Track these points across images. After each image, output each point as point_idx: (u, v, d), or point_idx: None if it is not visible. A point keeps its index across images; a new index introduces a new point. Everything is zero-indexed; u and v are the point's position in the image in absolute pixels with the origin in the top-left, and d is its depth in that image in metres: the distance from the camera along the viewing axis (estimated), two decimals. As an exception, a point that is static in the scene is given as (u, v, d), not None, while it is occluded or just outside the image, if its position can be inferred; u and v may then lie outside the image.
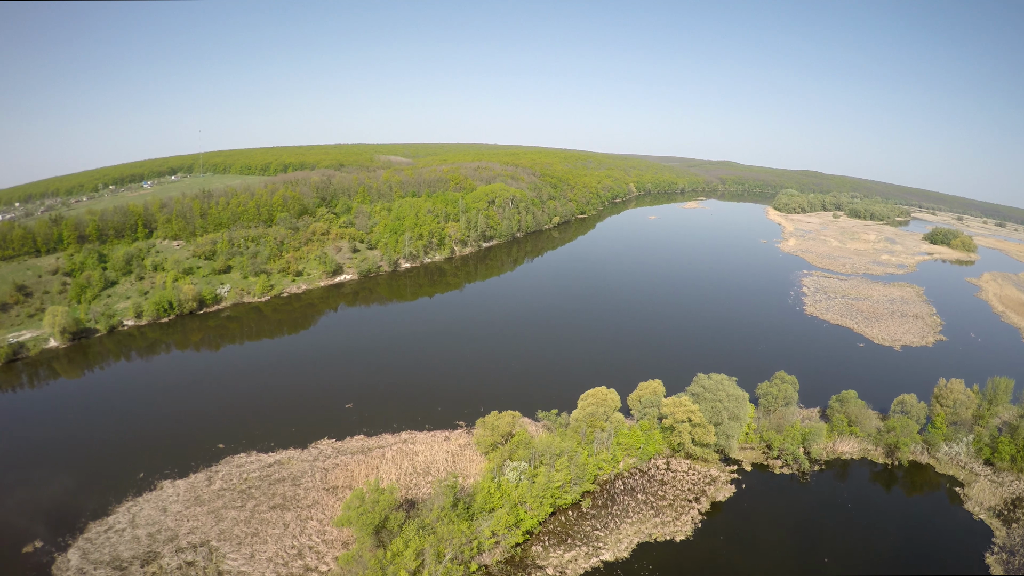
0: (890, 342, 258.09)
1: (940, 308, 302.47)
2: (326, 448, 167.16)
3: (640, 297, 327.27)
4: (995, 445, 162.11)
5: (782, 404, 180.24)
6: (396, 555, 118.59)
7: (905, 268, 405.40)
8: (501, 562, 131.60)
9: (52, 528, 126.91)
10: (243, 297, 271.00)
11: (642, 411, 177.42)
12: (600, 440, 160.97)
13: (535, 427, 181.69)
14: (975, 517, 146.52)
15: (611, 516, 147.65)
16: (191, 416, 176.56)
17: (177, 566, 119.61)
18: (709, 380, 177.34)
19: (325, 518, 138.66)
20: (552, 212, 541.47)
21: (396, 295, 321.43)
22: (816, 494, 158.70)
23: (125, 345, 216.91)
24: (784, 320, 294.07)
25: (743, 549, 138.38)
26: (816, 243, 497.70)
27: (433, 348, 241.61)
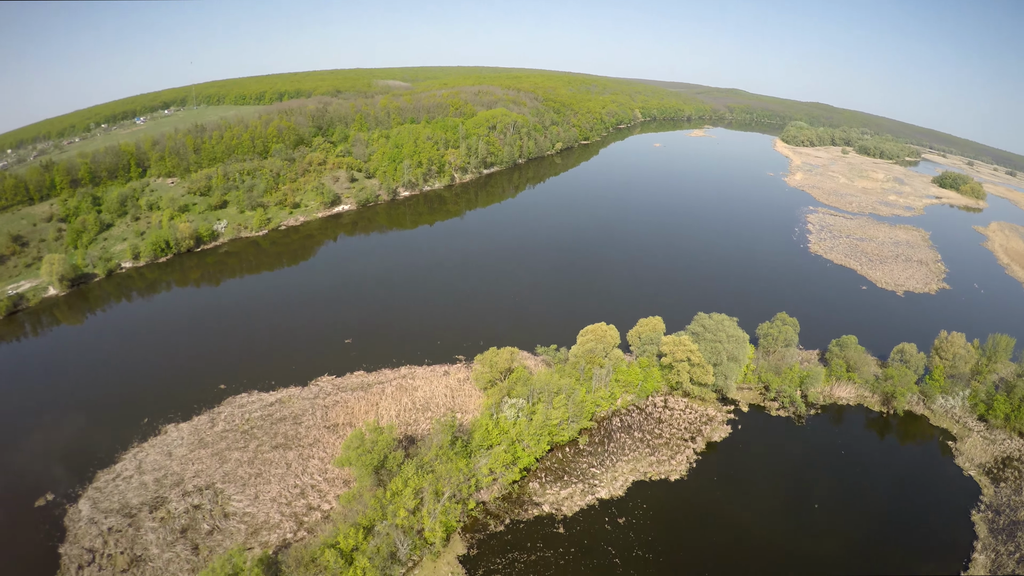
0: (893, 286, 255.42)
1: (945, 255, 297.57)
2: (326, 385, 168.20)
3: (642, 230, 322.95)
4: (991, 402, 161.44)
5: (782, 345, 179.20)
6: (395, 494, 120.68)
7: (912, 211, 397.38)
8: (499, 499, 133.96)
9: (62, 480, 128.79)
10: (240, 232, 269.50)
11: (641, 348, 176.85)
12: (598, 377, 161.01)
13: (534, 361, 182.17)
14: (965, 473, 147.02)
15: (607, 453, 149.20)
16: (192, 357, 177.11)
17: (184, 510, 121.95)
18: (710, 320, 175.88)
19: (327, 456, 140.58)
20: (555, 138, 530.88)
21: (395, 224, 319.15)
22: (811, 438, 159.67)
23: (124, 288, 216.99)
24: (788, 258, 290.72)
25: (736, 491, 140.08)
26: (823, 179, 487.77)
27: (432, 280, 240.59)
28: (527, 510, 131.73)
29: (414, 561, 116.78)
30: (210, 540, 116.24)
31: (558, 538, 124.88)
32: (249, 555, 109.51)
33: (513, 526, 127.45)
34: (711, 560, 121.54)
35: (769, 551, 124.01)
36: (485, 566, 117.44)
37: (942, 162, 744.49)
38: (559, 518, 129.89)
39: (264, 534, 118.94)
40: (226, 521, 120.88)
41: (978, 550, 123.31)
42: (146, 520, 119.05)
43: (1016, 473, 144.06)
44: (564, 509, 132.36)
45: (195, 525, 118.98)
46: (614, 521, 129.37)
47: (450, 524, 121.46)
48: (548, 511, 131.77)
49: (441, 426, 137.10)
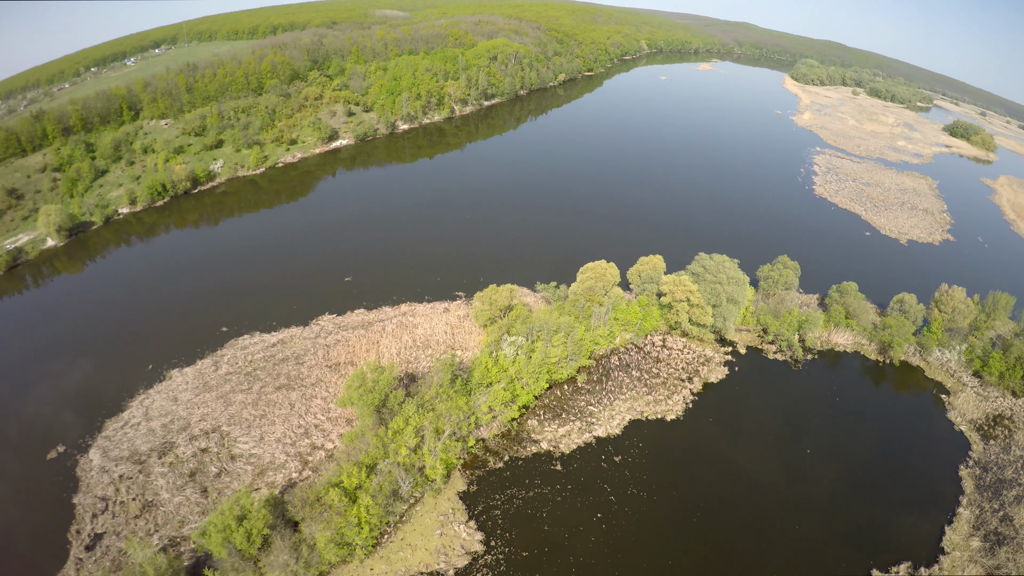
0: (897, 234, 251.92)
1: (951, 205, 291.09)
2: (327, 324, 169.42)
3: (645, 166, 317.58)
4: (986, 359, 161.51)
5: (782, 289, 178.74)
6: (397, 433, 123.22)
7: (921, 158, 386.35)
8: (498, 436, 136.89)
9: (72, 431, 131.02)
10: (237, 171, 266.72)
11: (641, 286, 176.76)
12: (598, 315, 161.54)
13: (533, 298, 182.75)
14: (956, 427, 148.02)
15: (605, 392, 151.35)
16: (193, 300, 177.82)
17: (192, 454, 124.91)
18: (711, 261, 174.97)
19: (329, 396, 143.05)
20: (557, 69, 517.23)
21: (395, 158, 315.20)
22: (806, 383, 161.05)
23: (123, 233, 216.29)
24: (792, 199, 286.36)
25: (731, 433, 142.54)
26: (832, 119, 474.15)
27: (432, 216, 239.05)
28: (525, 447, 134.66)
29: (416, 498, 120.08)
30: (218, 482, 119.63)
31: (555, 475, 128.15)
32: (256, 496, 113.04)
33: (512, 463, 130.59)
34: (704, 500, 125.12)
35: (760, 493, 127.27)
36: (484, 502, 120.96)
37: (954, 110, 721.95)
38: (557, 455, 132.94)
39: (270, 474, 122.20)
40: (233, 463, 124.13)
41: (963, 505, 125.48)
42: (155, 466, 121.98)
43: (1006, 432, 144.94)
44: (562, 447, 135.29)
45: (203, 468, 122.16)
46: (610, 459, 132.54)
47: (450, 461, 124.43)
48: (546, 448, 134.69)
49: (441, 365, 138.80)
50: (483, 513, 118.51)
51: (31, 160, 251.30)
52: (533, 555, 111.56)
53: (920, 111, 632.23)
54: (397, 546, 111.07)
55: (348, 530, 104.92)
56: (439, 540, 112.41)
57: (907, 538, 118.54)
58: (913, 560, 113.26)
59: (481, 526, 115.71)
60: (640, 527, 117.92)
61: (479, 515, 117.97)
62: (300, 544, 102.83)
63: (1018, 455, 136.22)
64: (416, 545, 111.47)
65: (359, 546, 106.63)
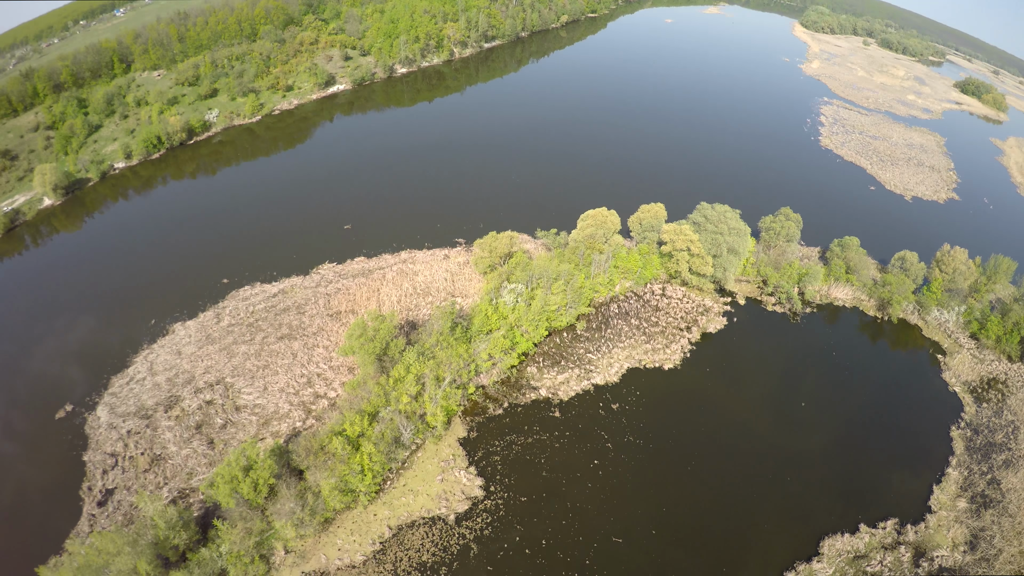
0: (902, 190, 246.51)
1: (958, 164, 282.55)
2: (327, 273, 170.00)
3: (649, 112, 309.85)
4: (984, 321, 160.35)
5: (783, 241, 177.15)
6: (398, 381, 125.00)
7: (930, 114, 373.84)
8: (497, 383, 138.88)
9: (78, 389, 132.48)
10: (233, 120, 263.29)
11: (642, 234, 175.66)
12: (598, 263, 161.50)
13: (533, 245, 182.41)
14: (950, 388, 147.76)
15: (604, 339, 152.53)
16: (193, 252, 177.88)
17: (198, 406, 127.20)
18: (712, 211, 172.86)
19: (331, 344, 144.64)
20: (560, 10, 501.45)
21: (393, 102, 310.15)
22: (804, 336, 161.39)
23: (119, 188, 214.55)
24: (797, 150, 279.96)
25: (727, 383, 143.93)
26: (841, 69, 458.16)
27: (431, 162, 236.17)
28: (525, 394, 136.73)
29: (417, 444, 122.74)
30: (224, 434, 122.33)
31: (554, 422, 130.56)
32: (261, 446, 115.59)
33: (511, 410, 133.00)
34: (698, 449, 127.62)
35: (754, 444, 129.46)
36: (484, 448, 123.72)
37: (967, 66, 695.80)
38: (555, 402, 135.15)
39: (275, 424, 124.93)
40: (238, 414, 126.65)
41: (952, 465, 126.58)
42: (162, 420, 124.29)
43: (999, 395, 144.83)
44: (560, 394, 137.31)
45: (209, 420, 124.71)
46: (608, 407, 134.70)
47: (451, 408, 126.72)
48: (545, 395, 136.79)
49: (441, 313, 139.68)
50: (483, 459, 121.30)
51: (23, 120, 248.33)
52: (531, 500, 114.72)
53: (932, 65, 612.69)
54: (399, 492, 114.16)
55: (351, 477, 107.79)
56: (440, 486, 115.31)
57: (895, 495, 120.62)
58: (900, 517, 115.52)
59: (481, 472, 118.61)
60: (636, 474, 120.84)
61: (479, 461, 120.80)
62: (305, 492, 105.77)
63: (1009, 419, 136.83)
64: (418, 491, 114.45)
65: (362, 492, 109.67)
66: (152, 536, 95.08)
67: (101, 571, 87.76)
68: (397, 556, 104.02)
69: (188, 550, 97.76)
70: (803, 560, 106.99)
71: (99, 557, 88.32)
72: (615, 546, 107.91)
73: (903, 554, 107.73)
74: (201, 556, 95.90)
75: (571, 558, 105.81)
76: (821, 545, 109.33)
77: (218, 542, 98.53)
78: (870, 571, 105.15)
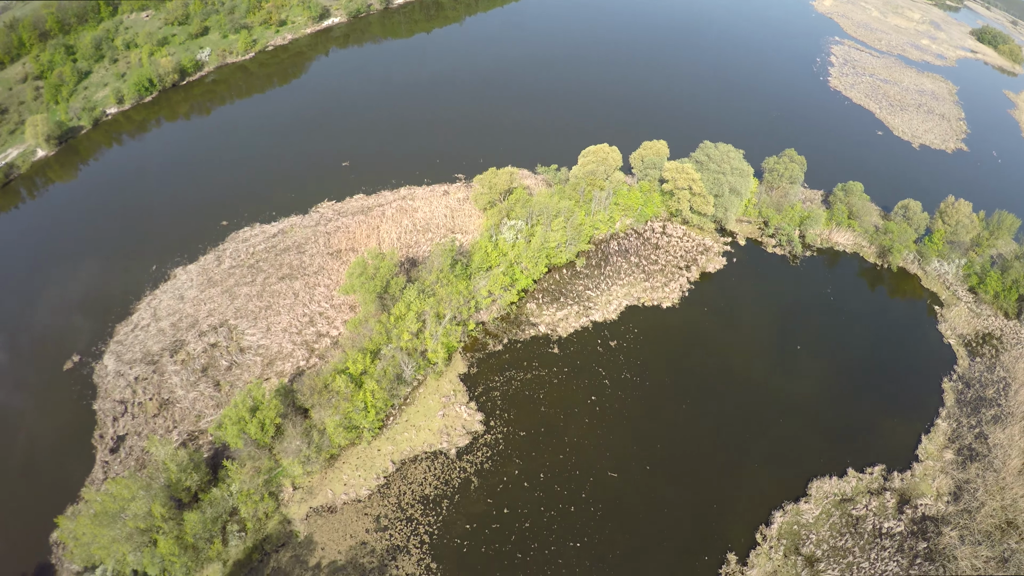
0: (910, 137, 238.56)
1: (969, 114, 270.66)
2: (327, 211, 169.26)
3: (655, 47, 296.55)
4: (984, 276, 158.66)
5: (787, 182, 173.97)
6: (399, 318, 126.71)
7: (944, 60, 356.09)
8: (497, 319, 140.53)
9: (84, 340, 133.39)
10: (226, 58, 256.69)
11: (643, 171, 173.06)
12: (598, 200, 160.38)
13: (534, 180, 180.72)
14: (944, 340, 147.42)
15: (603, 276, 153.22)
16: (190, 195, 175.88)
17: (203, 349, 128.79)
18: (715, 150, 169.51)
19: (332, 283, 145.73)
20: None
21: (390, 34, 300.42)
22: (803, 280, 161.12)
23: (113, 134, 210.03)
24: (805, 90, 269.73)
25: (724, 324, 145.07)
26: (855, 8, 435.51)
27: (430, 96, 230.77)
28: (524, 330, 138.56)
29: (419, 380, 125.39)
30: (230, 375, 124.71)
31: (553, 358, 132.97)
32: (267, 386, 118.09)
33: (511, 346, 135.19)
34: (694, 387, 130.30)
35: (749, 384, 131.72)
36: (484, 384, 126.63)
37: (985, 14, 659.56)
38: (554, 339, 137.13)
39: (279, 364, 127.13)
40: (242, 356, 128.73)
41: (942, 417, 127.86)
42: (168, 365, 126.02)
43: (993, 351, 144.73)
44: (559, 330, 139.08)
45: (214, 363, 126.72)
46: (606, 344, 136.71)
47: (451, 345, 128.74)
48: (544, 332, 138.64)
49: (441, 250, 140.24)
50: (483, 394, 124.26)
51: (10, 72, 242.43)
52: (530, 435, 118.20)
53: (948, 10, 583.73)
54: (402, 427, 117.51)
55: (355, 414, 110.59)
56: (441, 421, 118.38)
57: (884, 442, 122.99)
58: (887, 463, 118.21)
59: (481, 407, 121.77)
60: (632, 411, 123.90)
61: (479, 396, 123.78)
62: (311, 430, 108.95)
63: (1001, 376, 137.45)
64: (420, 426, 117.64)
65: (366, 429, 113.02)
66: (164, 479, 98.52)
67: (117, 516, 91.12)
68: (401, 490, 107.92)
69: (200, 491, 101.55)
70: (791, 500, 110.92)
71: (115, 503, 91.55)
72: (611, 480, 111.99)
73: (888, 500, 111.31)
74: (212, 496, 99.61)
75: (568, 491, 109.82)
76: (809, 487, 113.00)
77: (228, 482, 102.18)
78: (855, 514, 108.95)
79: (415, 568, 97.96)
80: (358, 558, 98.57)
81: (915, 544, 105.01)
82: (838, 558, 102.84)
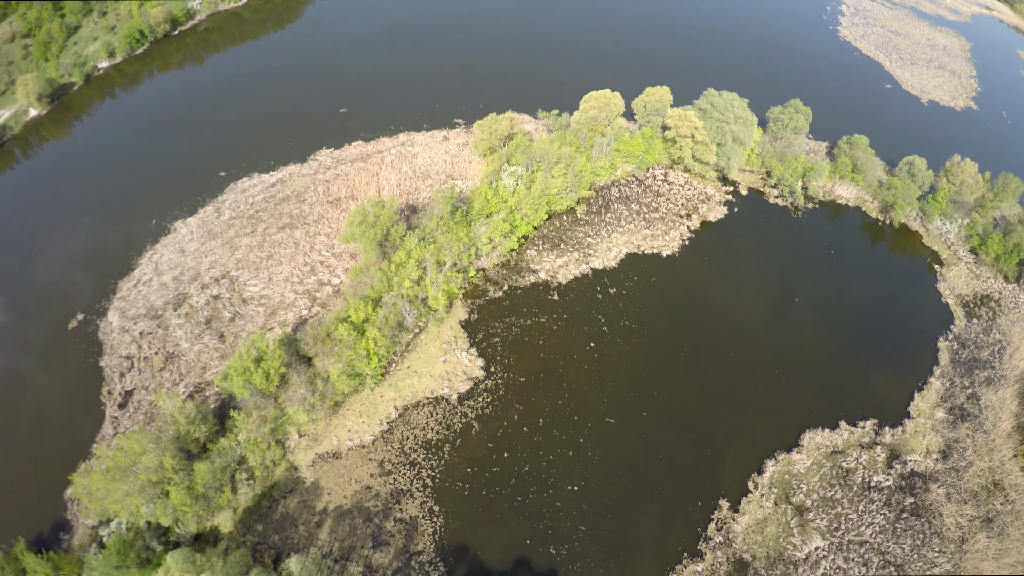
0: (919, 92, 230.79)
1: (980, 72, 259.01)
2: (325, 159, 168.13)
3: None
4: (985, 237, 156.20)
5: (791, 133, 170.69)
6: (400, 266, 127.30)
7: (958, 15, 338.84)
8: (497, 266, 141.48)
9: (87, 297, 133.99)
10: (218, 5, 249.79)
11: (646, 118, 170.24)
12: (600, 146, 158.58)
13: (534, 125, 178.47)
14: (943, 299, 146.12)
15: (603, 224, 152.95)
16: (187, 147, 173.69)
17: (206, 302, 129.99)
18: (719, 98, 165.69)
19: (332, 231, 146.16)
20: None
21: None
22: (803, 232, 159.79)
23: (106, 88, 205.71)
24: (814, 39, 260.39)
25: (723, 273, 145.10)
26: None
27: (428, 38, 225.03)
28: (524, 277, 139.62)
29: (420, 327, 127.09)
30: (233, 326, 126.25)
31: (552, 304, 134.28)
32: (270, 336, 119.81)
33: (511, 292, 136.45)
34: (691, 336, 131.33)
35: (746, 334, 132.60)
36: (484, 330, 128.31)
37: None
38: (554, 285, 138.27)
39: (281, 314, 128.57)
40: (245, 306, 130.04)
41: (936, 375, 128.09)
42: (172, 318, 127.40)
43: (990, 313, 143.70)
44: (559, 277, 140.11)
45: (217, 315, 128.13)
46: (605, 291, 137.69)
47: (452, 292, 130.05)
48: (544, 279, 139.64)
49: (441, 197, 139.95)
50: (483, 341, 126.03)
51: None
52: (530, 380, 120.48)
53: None
54: (404, 374, 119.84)
55: (358, 362, 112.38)
56: (443, 367, 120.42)
57: (877, 397, 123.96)
58: (879, 418, 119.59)
59: (482, 353, 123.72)
60: (630, 358, 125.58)
61: (479, 343, 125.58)
62: (315, 378, 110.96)
63: (997, 338, 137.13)
64: (422, 372, 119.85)
65: (369, 376, 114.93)
66: (173, 432, 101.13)
67: (129, 470, 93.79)
68: (404, 435, 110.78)
69: (208, 441, 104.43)
70: (784, 450, 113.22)
71: (126, 457, 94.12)
72: (608, 426, 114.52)
73: (878, 454, 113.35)
74: (221, 446, 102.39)
75: (566, 436, 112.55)
76: (802, 437, 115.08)
77: (236, 432, 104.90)
78: (845, 466, 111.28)
79: (418, 511, 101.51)
80: (363, 502, 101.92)
81: (902, 499, 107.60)
82: (827, 508, 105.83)
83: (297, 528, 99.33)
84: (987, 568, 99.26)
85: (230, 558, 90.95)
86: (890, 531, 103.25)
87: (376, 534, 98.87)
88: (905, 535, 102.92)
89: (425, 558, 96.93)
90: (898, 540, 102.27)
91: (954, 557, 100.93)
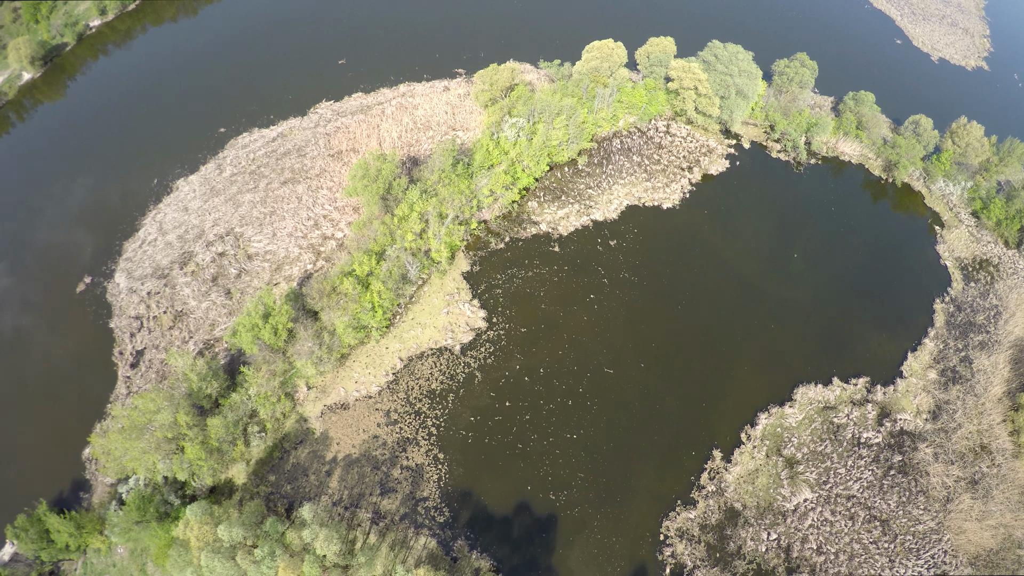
0: (929, 49, 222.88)
1: (994, 31, 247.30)
2: (325, 112, 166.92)
3: None
4: (988, 202, 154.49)
5: (796, 87, 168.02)
6: (402, 219, 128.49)
7: None
8: (499, 218, 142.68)
9: (93, 260, 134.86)
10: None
11: (649, 68, 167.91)
12: (602, 97, 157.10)
13: (536, 75, 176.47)
14: (941, 261, 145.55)
15: (605, 175, 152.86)
16: (185, 104, 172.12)
17: (211, 259, 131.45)
18: (724, 51, 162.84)
19: (335, 185, 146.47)
20: None
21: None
22: (805, 187, 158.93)
23: (99, 47, 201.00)
24: None
25: (723, 227, 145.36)
26: None
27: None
28: (526, 228, 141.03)
29: (423, 279, 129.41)
30: (239, 283, 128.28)
31: (553, 256, 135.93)
32: (276, 292, 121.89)
33: (512, 244, 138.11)
34: (690, 288, 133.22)
35: (744, 289, 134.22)
36: (487, 282, 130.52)
37: None
38: (555, 237, 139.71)
39: (286, 268, 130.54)
40: (250, 263, 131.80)
41: (930, 337, 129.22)
42: (179, 277, 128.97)
43: (988, 277, 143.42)
44: (560, 228, 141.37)
45: (223, 272, 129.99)
46: (606, 243, 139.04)
47: (454, 244, 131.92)
48: (545, 230, 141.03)
49: (443, 149, 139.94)
50: (485, 292, 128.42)
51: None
52: (531, 331, 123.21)
53: None
54: (408, 325, 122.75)
55: (363, 314, 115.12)
56: (446, 318, 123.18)
57: (871, 355, 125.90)
58: (872, 376, 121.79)
59: (484, 304, 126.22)
60: (629, 310, 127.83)
61: (482, 294, 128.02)
62: (321, 331, 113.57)
63: (994, 303, 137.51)
64: (425, 323, 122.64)
65: (374, 328, 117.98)
66: (186, 389, 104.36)
67: (145, 428, 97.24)
68: (409, 385, 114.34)
69: (220, 397, 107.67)
70: (777, 404, 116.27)
71: (142, 416, 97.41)
72: (607, 376, 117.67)
73: (869, 411, 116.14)
74: (232, 401, 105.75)
75: (566, 386, 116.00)
76: (795, 392, 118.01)
77: (246, 386, 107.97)
78: (836, 422, 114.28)
79: (423, 458, 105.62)
80: (371, 451, 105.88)
81: (891, 456, 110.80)
82: (817, 462, 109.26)
83: (308, 478, 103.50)
84: (970, 528, 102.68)
85: (245, 508, 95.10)
86: (877, 487, 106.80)
87: (384, 481, 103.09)
88: (892, 491, 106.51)
89: (431, 504, 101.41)
90: (884, 496, 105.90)
91: (939, 515, 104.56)
